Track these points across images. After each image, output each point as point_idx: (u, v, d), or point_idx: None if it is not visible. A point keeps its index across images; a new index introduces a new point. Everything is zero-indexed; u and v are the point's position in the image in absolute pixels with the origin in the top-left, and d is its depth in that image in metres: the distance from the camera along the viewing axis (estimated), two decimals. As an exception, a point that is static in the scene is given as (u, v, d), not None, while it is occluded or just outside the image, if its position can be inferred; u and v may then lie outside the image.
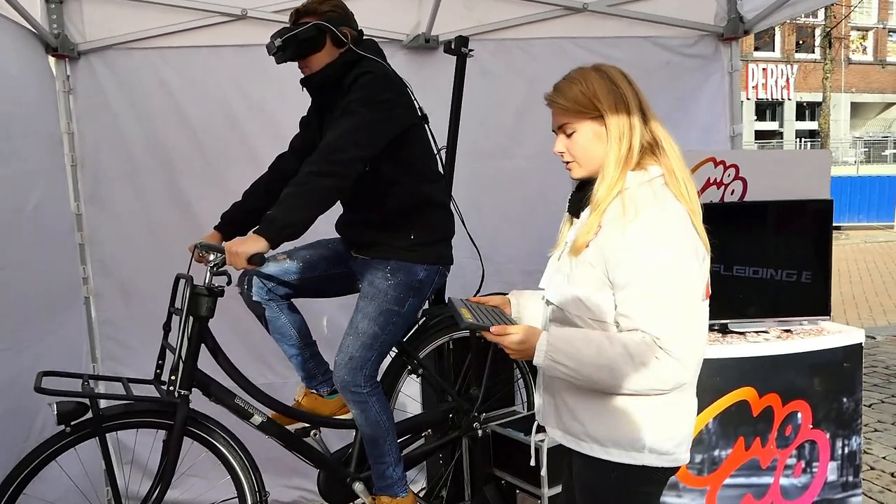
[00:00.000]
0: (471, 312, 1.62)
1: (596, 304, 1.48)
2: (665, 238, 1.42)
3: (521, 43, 3.44)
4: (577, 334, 1.50)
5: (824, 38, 20.34)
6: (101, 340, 3.31)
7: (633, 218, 1.43)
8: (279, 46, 2.22)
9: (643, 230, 1.42)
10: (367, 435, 2.29)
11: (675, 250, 1.42)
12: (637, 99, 1.52)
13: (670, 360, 1.40)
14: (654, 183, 1.50)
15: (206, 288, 2.12)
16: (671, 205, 1.47)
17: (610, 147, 1.50)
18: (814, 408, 2.40)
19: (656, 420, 1.49)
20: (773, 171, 2.65)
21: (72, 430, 1.97)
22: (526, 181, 3.50)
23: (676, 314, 1.41)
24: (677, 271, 1.41)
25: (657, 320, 1.40)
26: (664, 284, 1.40)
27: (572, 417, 1.57)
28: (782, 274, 2.54)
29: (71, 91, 3.18)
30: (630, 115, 1.50)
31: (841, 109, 24.40)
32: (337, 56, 2.25)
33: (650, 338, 1.41)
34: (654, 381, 1.42)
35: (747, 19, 3.54)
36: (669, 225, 1.44)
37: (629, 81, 1.54)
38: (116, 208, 3.25)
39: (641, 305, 1.42)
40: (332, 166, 2.06)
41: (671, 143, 1.52)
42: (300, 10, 2.27)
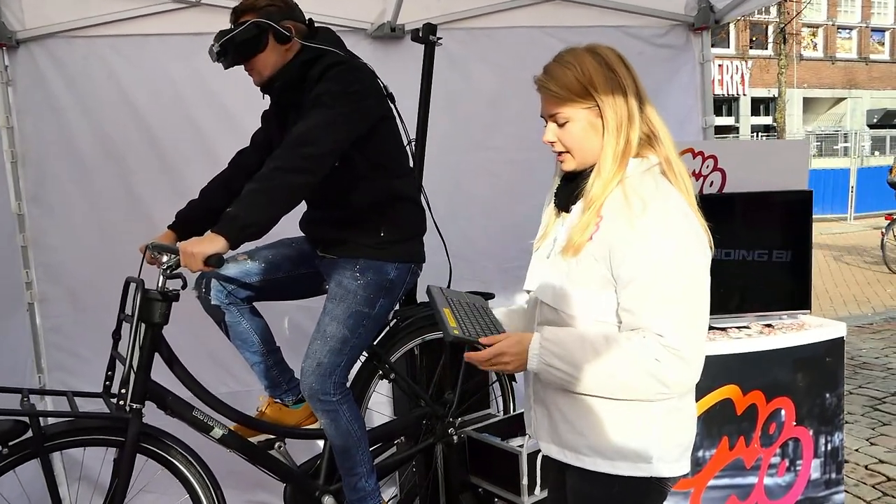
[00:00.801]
0: (455, 316, 1.49)
1: (600, 303, 1.38)
2: (672, 232, 1.33)
3: (490, 32, 3.33)
4: (571, 335, 1.39)
5: (778, 34, 20.74)
6: (48, 350, 3.08)
7: (640, 212, 1.33)
8: (218, 52, 2.06)
9: (651, 224, 1.32)
10: (337, 445, 2.15)
11: (683, 245, 1.33)
12: (635, 85, 1.40)
13: (675, 360, 1.30)
14: (654, 171, 1.40)
15: (159, 292, 1.96)
16: (674, 197, 1.38)
17: (607, 140, 1.38)
18: (797, 404, 2.35)
19: (664, 427, 1.40)
20: (752, 162, 2.59)
21: (9, 452, 1.79)
22: (499, 173, 3.41)
23: (683, 311, 1.31)
24: (684, 266, 1.32)
25: (662, 317, 1.30)
26: (670, 280, 1.31)
27: (571, 430, 1.44)
28: (763, 267, 2.48)
29: (9, 83, 2.95)
30: (628, 105, 1.38)
31: (794, 104, 24.94)
32: (286, 53, 2.10)
33: (653, 335, 1.31)
34: (659, 383, 1.32)
35: (718, 9, 3.49)
36: (675, 219, 1.34)
37: (626, 65, 1.42)
38: (63, 208, 3.03)
39: (646, 301, 1.32)
40: (302, 161, 1.91)
41: (666, 132, 1.43)
42: (238, 8, 2.11)
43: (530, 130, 3.34)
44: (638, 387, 1.33)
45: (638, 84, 1.41)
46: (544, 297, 1.47)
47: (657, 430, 1.39)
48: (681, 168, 1.41)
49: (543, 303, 1.47)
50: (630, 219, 1.33)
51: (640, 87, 1.41)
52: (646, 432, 1.39)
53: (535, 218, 3.53)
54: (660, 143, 1.40)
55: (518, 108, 3.34)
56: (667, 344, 1.30)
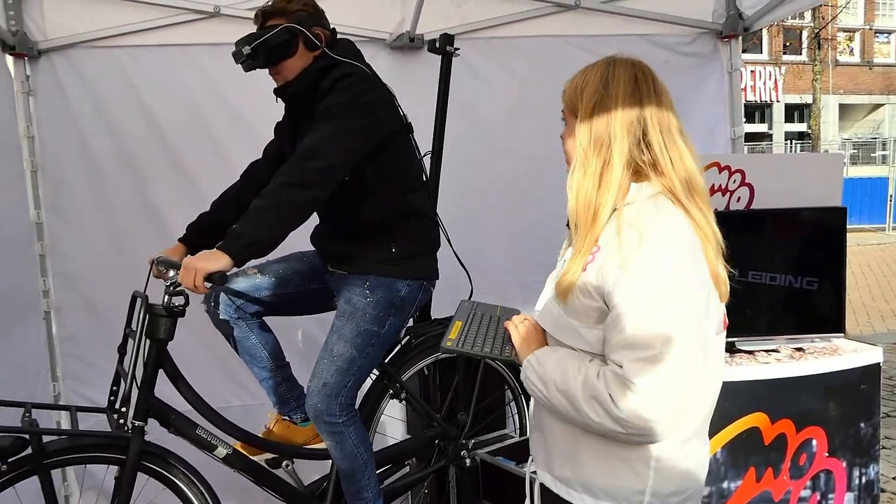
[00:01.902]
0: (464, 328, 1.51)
1: (592, 335, 1.29)
2: (661, 271, 1.21)
3: (510, 41, 3.27)
4: (555, 355, 1.34)
5: (813, 39, 20.32)
6: (63, 358, 3.08)
7: (633, 249, 1.22)
8: (248, 54, 2.02)
9: (641, 263, 1.22)
10: (342, 468, 2.09)
11: (671, 284, 1.21)
12: (636, 106, 1.27)
13: (629, 395, 1.19)
14: (657, 199, 1.28)
15: (164, 307, 1.92)
16: (673, 229, 1.25)
17: (576, 157, 1.30)
18: (829, 434, 2.22)
19: (660, 472, 1.29)
20: (782, 177, 2.47)
21: (9, 468, 1.76)
22: (519, 185, 3.34)
23: (652, 349, 1.19)
24: (667, 306, 1.20)
25: (627, 350, 1.21)
26: (648, 318, 1.20)
27: (564, 462, 1.37)
28: (793, 288, 2.37)
29: (30, 92, 2.97)
30: (610, 124, 1.27)
31: (829, 111, 24.41)
32: (311, 61, 2.06)
33: (614, 368, 1.22)
34: (610, 417, 1.21)
35: (747, 16, 3.38)
36: (669, 257, 1.22)
37: (637, 83, 1.29)
38: (80, 217, 3.03)
39: (618, 333, 1.22)
40: (309, 176, 1.87)
41: (679, 156, 1.28)
42: (266, 10, 2.08)
43: (550, 141, 3.26)
44: (593, 418, 1.24)
45: (645, 101, 1.28)
46: (544, 324, 1.40)
47: (652, 476, 1.29)
48: (693, 202, 1.28)
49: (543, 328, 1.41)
50: (622, 255, 1.23)
51: (646, 104, 1.28)
52: (638, 476, 1.29)
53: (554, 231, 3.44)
54: (661, 173, 1.28)
55: (538, 119, 3.26)
56: (623, 376, 1.20)
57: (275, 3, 2.07)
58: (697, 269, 1.24)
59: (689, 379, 1.22)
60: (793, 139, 24.51)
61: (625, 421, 1.20)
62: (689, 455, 1.33)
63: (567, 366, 1.29)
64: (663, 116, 1.29)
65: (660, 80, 1.34)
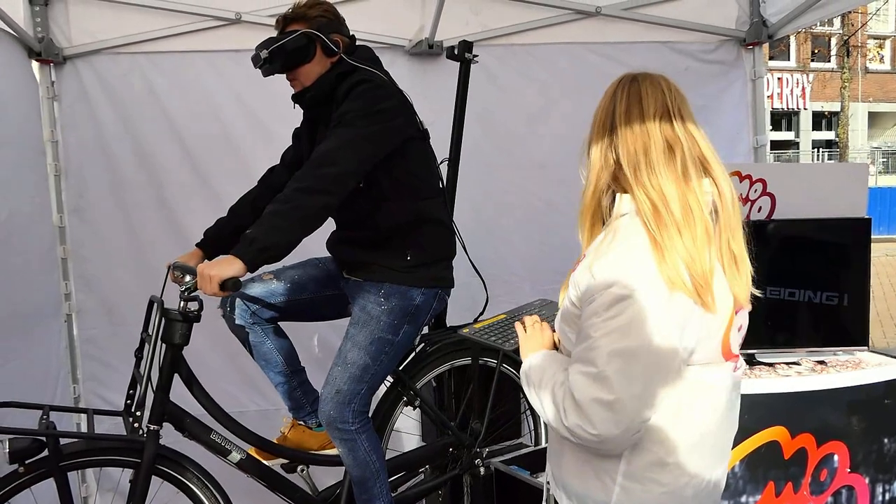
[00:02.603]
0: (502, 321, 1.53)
1: None
2: (625, 283, 1.20)
3: (530, 48, 3.26)
4: (544, 360, 1.39)
5: (842, 46, 20.02)
6: (83, 360, 3.13)
7: (604, 252, 1.25)
8: (265, 58, 2.04)
9: (606, 266, 1.22)
10: (354, 475, 2.09)
11: (633, 300, 1.19)
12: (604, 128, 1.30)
13: (573, 408, 1.22)
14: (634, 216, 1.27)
15: (179, 313, 1.93)
16: (637, 244, 1.23)
17: (589, 174, 1.34)
18: (852, 450, 2.17)
19: (627, 488, 1.28)
20: (805, 187, 2.42)
21: (26, 470, 1.78)
22: (537, 193, 3.32)
23: (600, 368, 1.19)
24: (625, 325, 1.19)
25: (578, 365, 1.24)
26: (601, 334, 1.20)
27: (553, 460, 1.43)
28: (815, 299, 2.32)
29: (55, 98, 3.02)
30: (592, 148, 1.32)
31: (858, 119, 24.01)
32: (329, 67, 2.07)
33: (574, 366, 1.25)
34: (563, 426, 1.25)
35: (771, 23, 3.34)
36: (635, 267, 1.21)
37: (623, 90, 1.30)
38: (101, 221, 3.08)
39: (577, 345, 1.26)
40: (322, 182, 1.87)
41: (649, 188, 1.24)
42: (287, 15, 2.10)
43: (570, 148, 3.25)
44: (552, 422, 1.29)
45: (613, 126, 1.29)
46: (556, 327, 1.43)
47: (617, 491, 1.28)
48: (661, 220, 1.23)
49: None
50: (591, 264, 1.25)
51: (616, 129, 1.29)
52: (605, 488, 1.29)
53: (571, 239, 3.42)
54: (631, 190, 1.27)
55: (557, 126, 3.25)
56: (570, 388, 1.23)
57: (295, 9, 2.08)
58: (661, 290, 1.20)
59: (639, 402, 1.20)
60: (820, 147, 24.15)
61: (571, 431, 1.24)
62: (663, 482, 1.29)
63: (546, 370, 1.35)
64: (636, 133, 1.28)
65: (640, 90, 1.30)
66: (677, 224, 1.22)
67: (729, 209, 1.29)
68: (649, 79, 1.33)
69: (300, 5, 2.09)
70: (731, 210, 1.29)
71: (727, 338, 1.30)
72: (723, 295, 1.27)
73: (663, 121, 1.29)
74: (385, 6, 3.11)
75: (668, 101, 1.30)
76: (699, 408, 1.29)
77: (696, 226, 1.23)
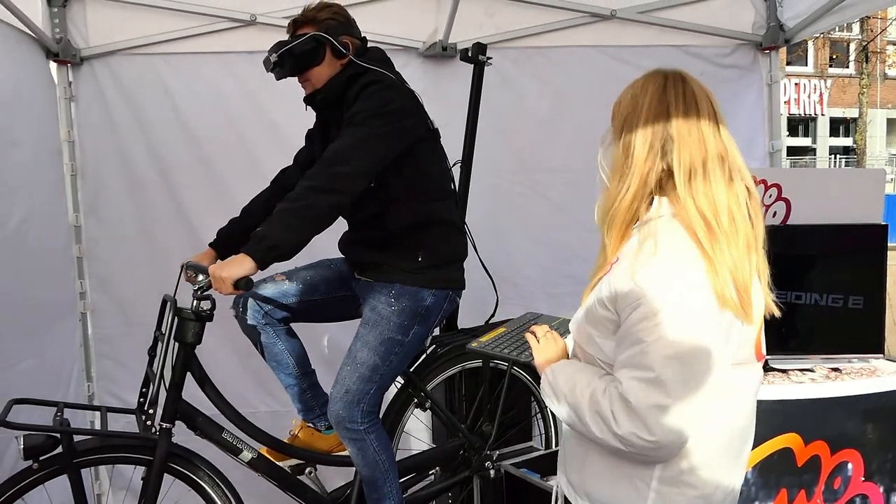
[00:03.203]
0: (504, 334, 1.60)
1: (606, 346, 1.29)
2: (674, 289, 1.19)
3: (544, 51, 3.25)
4: (569, 369, 1.37)
5: (860, 52, 19.84)
6: (97, 359, 3.15)
7: (645, 262, 1.21)
8: (275, 62, 2.05)
9: (653, 274, 1.20)
10: (364, 475, 2.09)
11: (684, 305, 1.19)
12: (662, 118, 1.25)
13: (627, 414, 1.20)
14: (677, 219, 1.25)
15: (192, 312, 1.95)
16: (685, 250, 1.22)
17: (609, 173, 1.31)
18: (866, 458, 2.14)
19: (662, 493, 1.27)
20: (820, 192, 2.40)
21: (40, 466, 1.80)
22: (549, 196, 3.31)
23: (657, 372, 1.18)
24: (676, 329, 1.18)
25: (630, 368, 1.21)
26: (654, 339, 1.18)
27: (575, 468, 1.40)
28: (830, 306, 2.30)
29: (72, 98, 3.05)
30: (634, 141, 1.27)
31: (876, 126, 23.77)
32: (339, 69, 2.08)
33: (616, 383, 1.23)
34: (611, 433, 1.22)
35: (788, 27, 3.31)
36: (684, 273, 1.20)
37: (665, 94, 1.26)
38: (116, 220, 3.10)
39: (623, 350, 1.23)
40: (332, 182, 1.88)
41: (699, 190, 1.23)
42: (298, 19, 2.12)
43: (583, 152, 3.25)
44: (596, 433, 1.25)
45: (676, 111, 1.25)
46: (573, 331, 1.42)
47: (652, 497, 1.27)
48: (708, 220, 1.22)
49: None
50: (635, 267, 1.22)
51: (671, 124, 1.25)
52: (638, 493, 1.28)
53: (582, 243, 3.42)
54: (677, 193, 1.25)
55: (570, 130, 3.25)
56: (623, 394, 1.20)
57: (305, 13, 2.10)
58: (710, 294, 1.20)
59: (692, 406, 1.20)
60: (837, 154, 23.92)
61: (624, 439, 1.21)
62: (696, 485, 1.29)
63: (577, 379, 1.31)
64: (691, 132, 1.25)
65: (694, 93, 1.28)
66: (726, 235, 1.22)
67: (760, 215, 1.30)
68: (694, 80, 1.32)
69: (310, 9, 2.10)
70: (761, 216, 1.30)
71: (759, 339, 1.32)
72: (757, 300, 1.28)
73: (715, 127, 1.28)
74: (399, 8, 3.11)
75: (715, 106, 1.30)
76: (730, 409, 1.29)
77: (739, 236, 1.23)
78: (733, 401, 1.29)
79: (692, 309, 1.19)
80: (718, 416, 1.27)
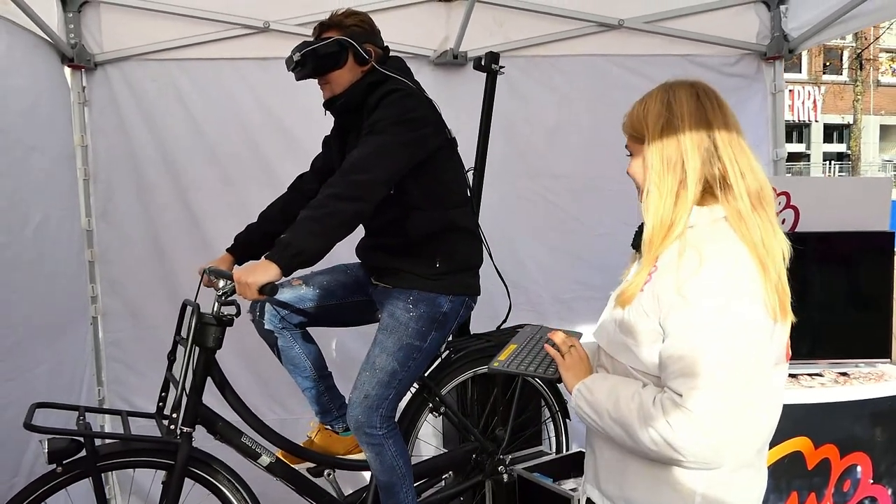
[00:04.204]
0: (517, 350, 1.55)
1: (645, 356, 1.30)
2: (720, 298, 1.22)
3: (553, 60, 3.29)
4: (606, 383, 1.35)
5: (855, 59, 20.00)
6: (108, 363, 3.16)
7: (691, 273, 1.23)
8: (298, 61, 2.08)
9: (699, 287, 1.22)
10: (381, 480, 2.11)
11: (729, 313, 1.21)
12: (703, 122, 1.29)
13: (687, 425, 1.20)
14: (719, 224, 1.29)
15: (213, 317, 1.97)
16: (734, 256, 1.25)
17: (649, 180, 1.31)
18: (875, 461, 2.18)
19: (707, 497, 1.29)
20: (828, 200, 2.44)
21: (64, 470, 1.82)
22: (557, 203, 3.35)
23: (711, 379, 1.20)
24: (724, 336, 1.21)
25: (686, 378, 1.22)
26: (705, 347, 1.21)
27: (611, 479, 1.39)
28: (839, 311, 2.34)
29: (86, 103, 3.07)
30: (680, 143, 1.29)
31: (870, 132, 23.96)
32: (360, 75, 2.11)
33: (672, 395, 1.23)
34: (668, 446, 1.22)
35: (792, 38, 3.36)
36: (729, 283, 1.23)
37: (700, 101, 1.31)
38: (127, 225, 3.12)
39: (676, 362, 1.23)
40: (355, 189, 1.90)
41: (749, 172, 1.29)
42: (324, 23, 2.14)
43: (591, 160, 3.32)
44: (649, 446, 1.25)
45: (712, 120, 1.29)
46: (600, 340, 1.42)
47: (698, 502, 1.30)
48: (758, 220, 1.27)
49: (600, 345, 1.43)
50: (679, 278, 1.24)
51: (714, 123, 1.29)
52: (683, 501, 1.30)
53: (591, 249, 3.44)
54: (730, 190, 1.29)
55: (579, 137, 3.29)
56: (681, 404, 1.21)
57: (332, 17, 2.13)
58: (754, 300, 1.24)
59: (746, 409, 1.22)
60: (831, 160, 24.08)
61: (684, 448, 1.21)
62: (738, 484, 1.32)
63: (620, 394, 1.30)
64: (730, 129, 1.30)
65: (720, 96, 1.35)
66: (773, 211, 1.28)
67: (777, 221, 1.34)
68: (714, 89, 1.36)
69: (337, 14, 2.13)
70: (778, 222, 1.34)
71: (787, 340, 1.36)
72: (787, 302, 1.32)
73: (743, 135, 1.33)
74: (411, 16, 3.15)
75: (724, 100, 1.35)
76: (768, 409, 1.32)
77: (776, 251, 1.28)
78: (770, 401, 1.32)
79: (741, 315, 1.22)
80: (762, 416, 1.30)
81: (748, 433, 1.27)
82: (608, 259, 2.07)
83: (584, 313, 3.04)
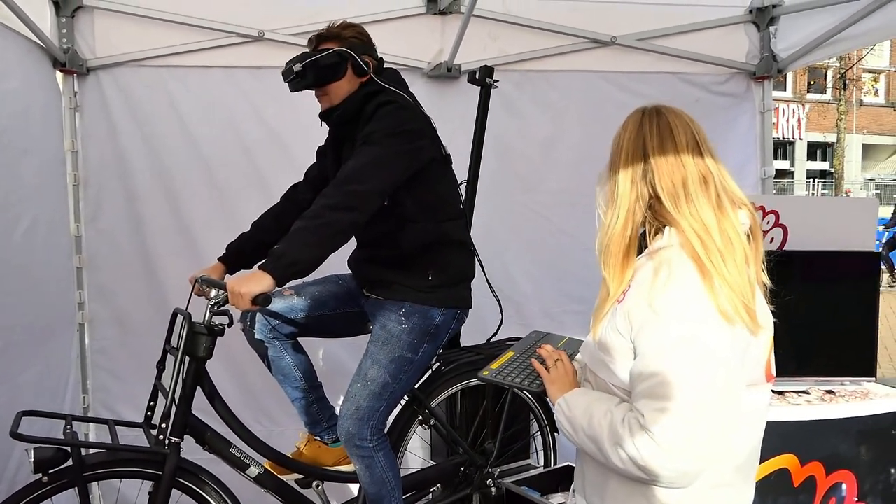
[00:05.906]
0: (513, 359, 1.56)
1: (619, 372, 1.31)
2: (691, 319, 1.23)
3: (546, 75, 3.32)
4: (584, 399, 1.38)
5: (839, 79, 20.31)
6: (93, 370, 3.13)
7: (661, 289, 1.25)
8: (298, 72, 2.08)
9: (670, 300, 1.24)
10: (370, 493, 2.10)
11: (701, 336, 1.22)
12: (639, 147, 1.33)
13: (650, 445, 1.21)
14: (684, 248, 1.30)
15: (205, 326, 1.96)
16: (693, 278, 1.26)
17: (606, 207, 1.36)
18: (860, 479, 2.20)
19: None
20: (816, 219, 2.48)
21: (49, 479, 1.79)
22: (549, 217, 3.37)
23: (674, 399, 1.21)
24: (690, 355, 1.22)
25: (650, 399, 1.23)
26: (671, 365, 1.22)
27: (593, 489, 1.41)
28: (825, 330, 2.36)
29: (77, 108, 3.05)
30: (618, 173, 1.34)
31: (853, 150, 24.32)
32: (358, 87, 2.11)
33: (637, 415, 1.24)
34: (634, 465, 1.24)
35: (781, 58, 3.42)
36: (695, 303, 1.24)
37: (641, 125, 1.34)
38: (116, 232, 3.09)
39: (642, 381, 1.25)
40: (349, 199, 1.91)
41: (689, 217, 1.28)
42: (322, 34, 2.15)
43: (582, 174, 3.33)
44: (617, 464, 1.27)
45: (645, 146, 1.32)
46: (584, 357, 1.44)
47: None
48: (707, 248, 1.26)
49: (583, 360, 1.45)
50: (652, 295, 1.26)
51: (647, 148, 1.32)
52: None
53: (581, 263, 3.45)
54: (678, 214, 1.29)
55: (570, 152, 3.31)
56: (644, 425, 1.22)
57: (330, 29, 2.14)
58: (718, 321, 1.24)
59: (712, 434, 1.22)
60: (815, 177, 24.38)
61: (647, 469, 1.22)
62: (717, 502, 1.32)
63: (594, 410, 1.32)
64: (672, 166, 1.31)
65: (669, 124, 1.34)
66: (721, 253, 1.26)
67: (759, 236, 1.35)
68: (674, 112, 1.37)
69: (334, 26, 2.14)
70: (760, 234, 1.35)
71: (769, 361, 1.36)
72: (764, 318, 1.32)
73: (695, 153, 1.33)
74: (405, 28, 3.16)
75: (695, 133, 1.35)
76: (747, 429, 1.33)
77: (736, 251, 1.27)
78: (748, 421, 1.33)
79: (708, 336, 1.23)
80: (735, 437, 1.31)
81: (717, 456, 1.27)
82: (598, 274, 2.08)
83: (573, 327, 3.04)
